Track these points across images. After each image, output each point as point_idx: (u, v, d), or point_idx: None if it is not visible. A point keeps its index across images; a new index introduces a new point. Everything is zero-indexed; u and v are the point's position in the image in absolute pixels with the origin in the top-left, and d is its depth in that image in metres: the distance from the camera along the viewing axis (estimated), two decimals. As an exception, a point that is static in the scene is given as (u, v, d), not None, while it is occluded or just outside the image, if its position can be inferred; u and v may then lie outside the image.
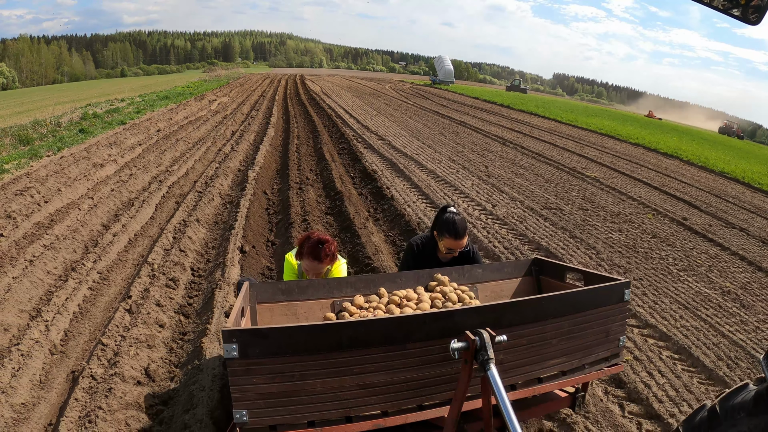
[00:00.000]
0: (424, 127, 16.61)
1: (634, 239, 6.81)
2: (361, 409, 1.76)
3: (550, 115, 26.48)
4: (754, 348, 4.34)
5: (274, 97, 24.77)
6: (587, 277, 2.57)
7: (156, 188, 7.15)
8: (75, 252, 4.89)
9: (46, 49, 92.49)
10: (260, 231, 5.78)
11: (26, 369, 3.11)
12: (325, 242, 2.79)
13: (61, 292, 4.02)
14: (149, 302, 3.73)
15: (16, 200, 6.13)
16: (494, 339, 1.65)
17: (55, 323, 3.59)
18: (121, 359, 3.07)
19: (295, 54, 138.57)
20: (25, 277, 4.23)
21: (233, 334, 1.62)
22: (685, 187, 11.85)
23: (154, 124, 12.95)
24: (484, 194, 8.15)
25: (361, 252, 4.91)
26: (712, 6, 1.08)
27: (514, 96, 43.71)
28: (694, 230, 7.91)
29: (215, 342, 3.26)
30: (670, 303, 4.98)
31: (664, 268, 5.96)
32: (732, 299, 5.39)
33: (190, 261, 4.71)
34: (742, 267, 6.55)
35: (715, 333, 4.52)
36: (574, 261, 5.49)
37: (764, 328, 4.80)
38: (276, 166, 9.52)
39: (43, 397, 3.00)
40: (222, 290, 3.94)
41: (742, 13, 1.03)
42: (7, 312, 3.74)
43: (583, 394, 2.32)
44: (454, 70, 60.60)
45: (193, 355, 3.20)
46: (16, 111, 22.30)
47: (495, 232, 6.28)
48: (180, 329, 3.66)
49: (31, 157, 8.92)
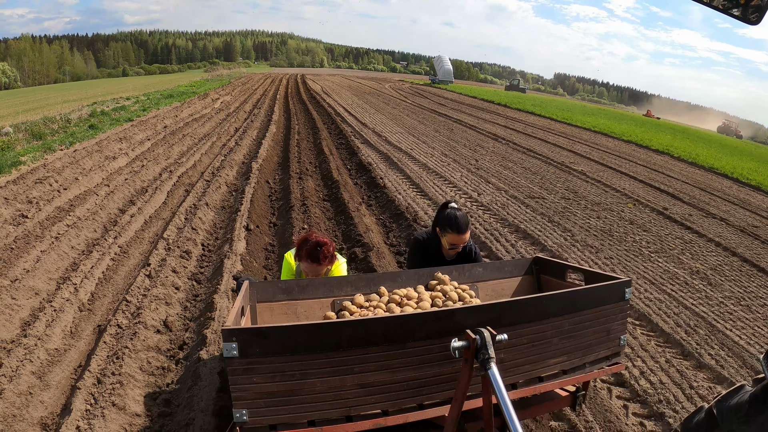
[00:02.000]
0: (420, 125, 17.13)
1: (611, 225, 7.29)
2: (361, 409, 1.76)
3: (546, 114, 26.92)
4: (715, 319, 4.73)
5: (275, 96, 25.28)
6: (588, 276, 2.58)
7: (166, 178, 7.68)
8: (95, 231, 5.41)
9: (47, 48, 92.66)
10: (263, 214, 6.31)
11: (58, 322, 3.61)
12: (323, 244, 2.78)
13: (86, 262, 4.54)
14: (166, 269, 4.25)
15: (36, 188, 6.64)
16: (495, 338, 1.65)
17: (83, 286, 4.10)
18: (143, 312, 3.58)
19: (296, 54, 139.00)
20: (53, 250, 4.74)
21: (233, 334, 1.62)
22: (671, 181, 12.22)
23: (160, 121, 13.48)
24: (471, 184, 8.66)
25: (354, 230, 5.44)
26: (712, 6, 1.07)
27: (512, 95, 44.07)
28: (673, 219, 8.30)
29: (224, 299, 3.77)
30: (636, 278, 5.42)
31: (636, 249, 6.42)
32: (700, 278, 5.78)
33: (201, 238, 5.23)
34: (716, 252, 6.93)
35: (677, 305, 4.92)
36: (549, 242, 5.99)
37: (728, 303, 5.21)
38: (278, 159, 10.04)
39: (73, 344, 3.50)
40: (230, 259, 4.46)
41: (742, 12, 1.02)
42: (38, 279, 4.25)
43: (584, 393, 2.33)
44: (454, 70, 61.06)
45: (205, 310, 3.71)
46: (23, 109, 22.77)
47: (478, 216, 6.80)
48: (193, 292, 4.18)
49: (45, 150, 9.42)
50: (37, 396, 2.87)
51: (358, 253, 4.84)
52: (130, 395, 2.85)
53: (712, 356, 3.99)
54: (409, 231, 5.68)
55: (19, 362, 3.05)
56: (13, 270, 4.24)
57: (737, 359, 4.00)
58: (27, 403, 2.78)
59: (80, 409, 2.68)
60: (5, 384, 2.83)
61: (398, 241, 5.52)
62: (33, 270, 4.29)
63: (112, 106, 17.88)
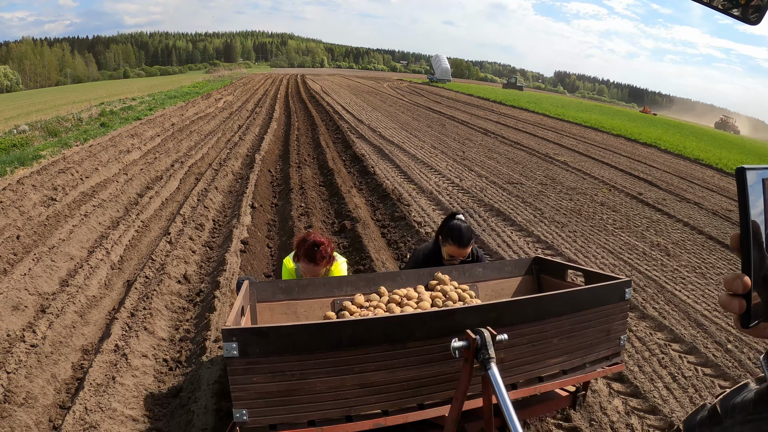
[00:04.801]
0: (414, 121, 17.89)
1: (582, 206, 7.98)
2: (361, 408, 1.77)
3: (539, 110, 27.54)
4: (666, 282, 5.19)
5: (276, 96, 26.08)
6: (588, 276, 2.58)
7: (178, 167, 8.47)
8: (118, 211, 6.17)
9: (48, 51, 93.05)
10: (266, 196, 7.09)
11: (94, 276, 4.36)
12: (320, 244, 2.76)
13: (113, 233, 5.29)
14: (184, 237, 5.02)
15: (59, 177, 7.39)
16: (495, 338, 1.65)
17: (113, 251, 4.86)
18: (166, 267, 4.34)
19: (296, 54, 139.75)
20: (83, 225, 5.49)
21: (233, 333, 1.63)
22: (653, 170, 12.59)
23: (167, 120, 14.26)
24: (455, 172, 9.42)
25: (345, 208, 6.23)
26: (712, 6, 1.07)
27: (509, 93, 44.74)
28: (645, 202, 8.75)
29: (234, 257, 4.53)
30: (596, 248, 6.01)
31: (601, 226, 7.04)
32: (660, 250, 6.24)
33: (212, 215, 6.02)
34: (681, 230, 7.33)
35: (630, 269, 5.44)
36: (519, 218, 6.71)
37: (683, 270, 5.66)
38: (279, 152, 10.81)
39: (107, 294, 4.25)
40: (238, 229, 5.22)
41: (742, 12, 1.01)
42: (72, 247, 5.00)
43: (584, 393, 2.34)
44: (455, 69, 61.73)
45: (218, 266, 4.46)
46: (30, 110, 23.52)
47: (457, 197, 7.56)
48: (207, 256, 4.94)
49: (62, 146, 10.18)
50: (79, 330, 3.61)
51: (347, 225, 5.59)
52: (158, 324, 3.60)
53: (657, 309, 4.46)
54: (393, 209, 6.44)
55: (63, 304, 3.80)
56: (49, 240, 4.99)
57: (681, 313, 4.42)
58: (71, 334, 3.51)
59: (117, 333, 3.42)
60: (53, 319, 3.57)
61: (383, 217, 6.31)
62: (67, 240, 5.04)
63: (119, 106, 18.69)
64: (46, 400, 2.83)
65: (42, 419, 2.70)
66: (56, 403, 2.85)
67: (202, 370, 2.97)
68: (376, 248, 4.88)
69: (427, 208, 6.82)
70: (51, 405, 2.82)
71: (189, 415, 2.66)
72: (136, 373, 3.05)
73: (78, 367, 3.22)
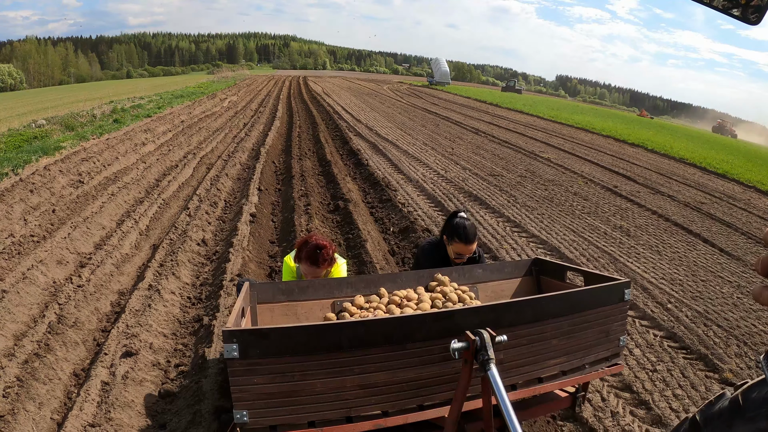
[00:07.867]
0: (410, 121, 18.80)
1: (555, 195, 8.78)
2: (361, 409, 1.78)
3: (534, 112, 28.33)
4: (621, 256, 5.76)
5: (279, 96, 27.03)
6: (587, 276, 2.60)
7: (191, 158, 9.38)
8: (140, 192, 7.05)
9: (52, 50, 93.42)
10: (270, 182, 7.99)
11: (126, 239, 5.22)
12: (323, 247, 2.81)
13: (139, 208, 6.16)
14: (201, 212, 5.91)
15: (83, 164, 8.23)
16: (494, 339, 1.66)
17: (140, 221, 5.72)
18: (188, 232, 5.21)
19: (298, 56, 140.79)
20: (111, 202, 6.35)
21: (233, 335, 1.64)
22: (634, 168, 13.06)
23: (176, 117, 15.16)
24: (441, 165, 10.31)
25: (339, 191, 7.16)
26: (712, 6, 1.06)
27: (506, 96, 45.46)
28: (619, 194, 9.31)
29: (245, 225, 5.40)
30: (561, 228, 6.65)
31: (569, 211, 7.76)
32: (621, 232, 6.80)
33: (224, 196, 6.93)
34: (647, 216, 7.86)
35: (588, 245, 6.11)
36: (493, 202, 7.57)
37: (640, 248, 6.20)
38: (281, 147, 11.71)
39: (137, 254, 5.11)
40: (247, 206, 6.10)
41: (742, 13, 1.01)
42: (103, 218, 5.86)
43: (584, 393, 2.35)
44: (456, 72, 62.48)
45: (231, 234, 5.33)
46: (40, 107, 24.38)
47: (441, 186, 8.44)
48: (220, 227, 5.83)
49: (80, 139, 11.02)
50: (116, 278, 4.45)
51: (341, 204, 6.50)
52: (183, 272, 4.46)
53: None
54: (381, 194, 7.31)
55: (102, 258, 4.64)
56: (82, 213, 5.84)
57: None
58: (109, 280, 4.34)
59: (150, 277, 4.27)
60: (94, 268, 4.41)
61: (372, 200, 7.24)
62: (99, 213, 5.89)
63: (129, 104, 19.57)
64: (91, 325, 3.64)
65: (88, 338, 3.49)
66: (99, 329, 3.66)
67: (221, 300, 3.82)
68: (364, 222, 5.78)
69: (412, 193, 7.72)
70: (95, 329, 3.63)
71: (210, 335, 3.48)
72: (166, 304, 3.90)
73: (116, 304, 4.05)
